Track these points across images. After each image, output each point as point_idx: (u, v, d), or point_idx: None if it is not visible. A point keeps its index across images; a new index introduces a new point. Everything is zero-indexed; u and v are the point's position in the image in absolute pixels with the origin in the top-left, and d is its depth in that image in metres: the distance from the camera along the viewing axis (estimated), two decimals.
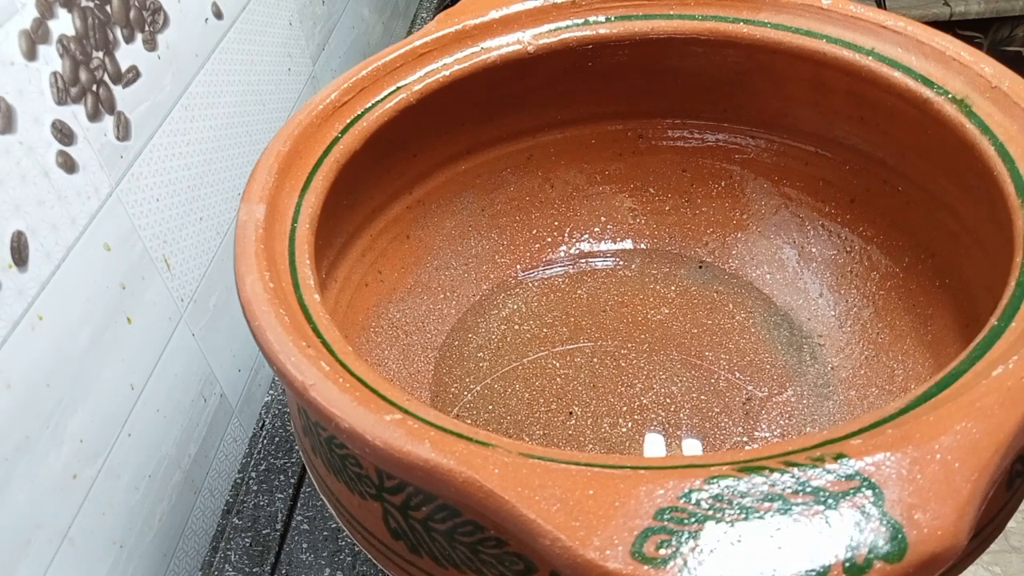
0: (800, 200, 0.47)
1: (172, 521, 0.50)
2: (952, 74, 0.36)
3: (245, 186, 0.34)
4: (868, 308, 0.44)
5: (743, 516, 0.20)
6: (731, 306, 0.47)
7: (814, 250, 0.47)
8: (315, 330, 0.28)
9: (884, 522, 0.19)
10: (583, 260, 0.51)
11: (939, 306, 0.40)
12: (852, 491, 0.20)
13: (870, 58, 0.38)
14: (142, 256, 0.47)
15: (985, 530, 0.26)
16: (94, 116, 0.43)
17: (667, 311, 0.48)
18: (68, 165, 0.41)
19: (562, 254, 0.51)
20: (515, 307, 0.49)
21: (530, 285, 0.50)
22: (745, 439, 0.42)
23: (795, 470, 0.21)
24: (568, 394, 0.44)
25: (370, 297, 0.44)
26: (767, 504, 0.20)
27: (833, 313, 0.45)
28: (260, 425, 0.53)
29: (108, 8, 0.44)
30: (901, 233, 0.43)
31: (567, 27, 0.43)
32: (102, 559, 0.44)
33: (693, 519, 0.20)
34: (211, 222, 0.54)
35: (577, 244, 0.51)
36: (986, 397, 0.22)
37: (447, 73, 0.41)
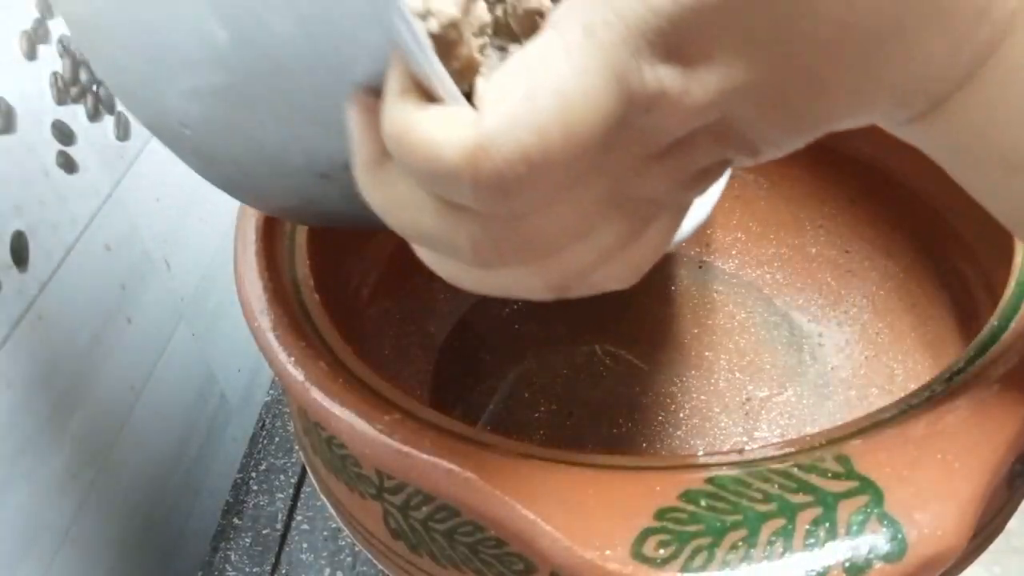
0: (800, 200, 0.47)
1: (172, 521, 0.50)
2: None
3: None
4: (868, 308, 0.44)
5: (743, 516, 0.20)
6: (731, 306, 0.47)
7: (814, 250, 0.47)
8: (315, 330, 0.28)
9: (884, 522, 0.19)
10: None
11: (939, 306, 0.40)
12: (852, 491, 0.20)
13: None
14: (142, 256, 0.47)
15: (985, 530, 0.26)
16: (94, 116, 0.43)
17: (667, 311, 0.48)
18: (68, 165, 0.41)
19: None
20: (515, 307, 0.49)
21: None
22: (745, 439, 0.42)
23: (795, 470, 0.21)
24: (568, 394, 0.44)
25: (370, 296, 0.44)
26: (767, 504, 0.20)
27: (833, 313, 0.45)
28: (260, 425, 0.53)
29: None
30: (901, 233, 0.43)
31: None
32: (102, 559, 0.44)
33: (693, 519, 0.20)
34: (211, 222, 0.54)
35: None
36: (986, 397, 0.22)
37: None
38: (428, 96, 0.15)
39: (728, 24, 0.16)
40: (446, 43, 0.16)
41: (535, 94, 0.15)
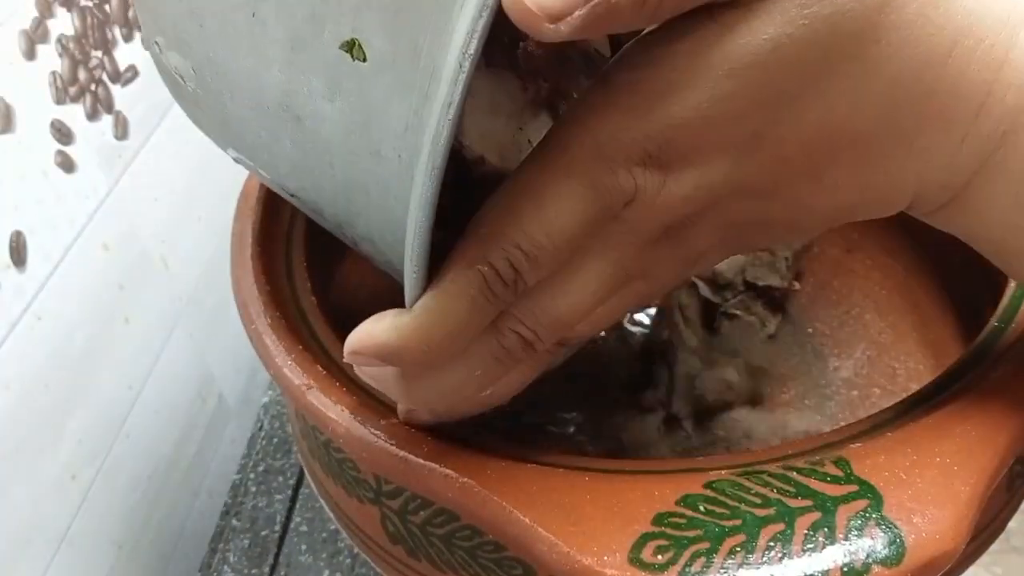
0: None
1: (171, 522, 0.50)
2: None
3: (243, 186, 0.34)
4: (870, 308, 0.44)
5: (741, 521, 0.20)
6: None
7: (816, 249, 0.46)
8: (312, 333, 0.28)
9: (882, 526, 0.19)
10: None
11: (941, 306, 0.40)
12: (851, 495, 0.20)
13: None
14: (140, 256, 0.47)
15: (985, 532, 0.26)
16: (93, 115, 0.43)
17: None
18: (67, 164, 0.41)
19: None
20: None
21: None
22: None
23: (794, 474, 0.21)
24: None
25: (368, 298, 0.44)
26: (766, 509, 0.20)
27: (835, 312, 0.45)
28: (259, 426, 0.53)
29: (107, 7, 0.44)
30: (903, 233, 0.43)
31: None
32: (101, 560, 0.44)
33: (691, 524, 0.20)
34: (209, 222, 0.54)
35: None
36: (986, 399, 0.22)
37: None
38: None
39: (699, 135, 0.17)
40: None
41: (514, 203, 0.18)
